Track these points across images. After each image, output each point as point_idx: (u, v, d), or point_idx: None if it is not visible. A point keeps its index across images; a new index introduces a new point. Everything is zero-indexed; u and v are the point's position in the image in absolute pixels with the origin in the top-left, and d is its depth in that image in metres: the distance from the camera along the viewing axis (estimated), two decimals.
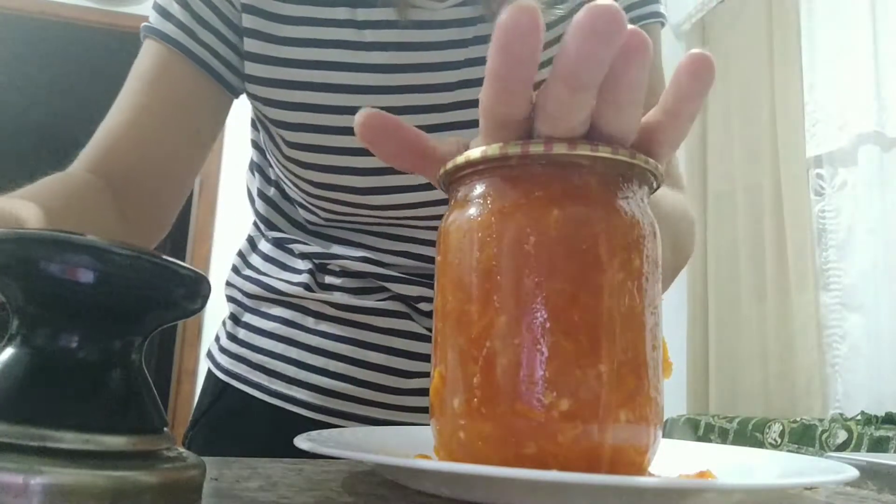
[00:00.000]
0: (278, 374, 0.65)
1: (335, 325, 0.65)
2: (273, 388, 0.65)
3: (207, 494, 0.28)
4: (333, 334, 0.65)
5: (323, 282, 0.66)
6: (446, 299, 0.32)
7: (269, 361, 0.66)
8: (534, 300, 0.29)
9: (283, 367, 0.65)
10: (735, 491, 0.28)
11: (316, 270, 0.66)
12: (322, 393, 0.64)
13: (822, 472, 0.31)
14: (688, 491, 0.27)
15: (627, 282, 0.30)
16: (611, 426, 0.29)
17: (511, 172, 0.31)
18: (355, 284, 0.65)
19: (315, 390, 0.64)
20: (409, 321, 0.64)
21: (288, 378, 0.65)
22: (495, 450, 0.29)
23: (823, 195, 2.22)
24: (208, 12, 0.59)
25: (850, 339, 2.09)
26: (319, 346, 0.65)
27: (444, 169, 0.33)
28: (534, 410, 0.28)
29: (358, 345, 0.65)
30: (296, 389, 0.65)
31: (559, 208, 0.30)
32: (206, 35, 0.59)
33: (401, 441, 0.39)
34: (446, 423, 0.31)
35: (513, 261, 0.30)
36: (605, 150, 0.30)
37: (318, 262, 0.66)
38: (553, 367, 0.28)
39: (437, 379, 0.32)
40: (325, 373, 0.65)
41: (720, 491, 0.28)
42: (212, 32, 0.59)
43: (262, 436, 0.64)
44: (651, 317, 0.31)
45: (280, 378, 0.65)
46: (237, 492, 0.29)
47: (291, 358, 0.65)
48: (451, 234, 0.32)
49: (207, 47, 0.59)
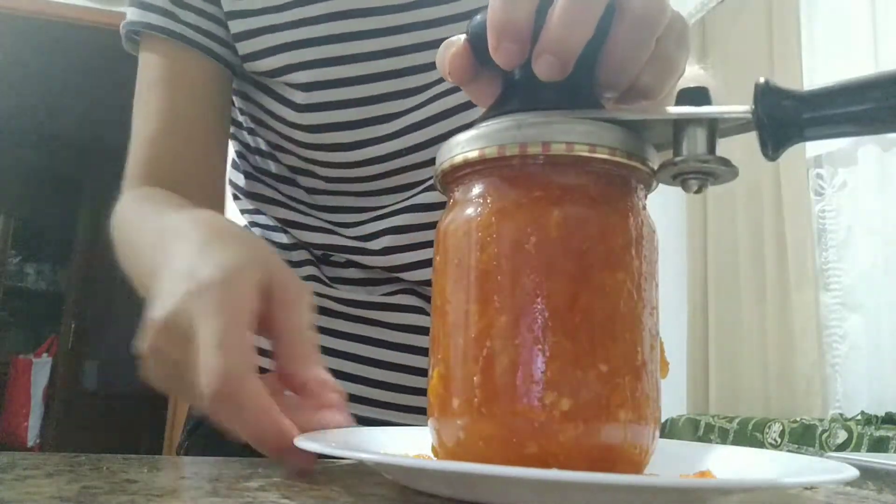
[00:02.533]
0: None
1: (345, 322, 0.63)
2: None
3: (207, 494, 0.28)
4: (343, 332, 0.63)
5: (330, 275, 0.64)
6: (445, 299, 0.32)
7: (268, 362, 0.64)
8: (534, 300, 0.29)
9: None
10: (734, 490, 0.28)
11: (318, 262, 0.64)
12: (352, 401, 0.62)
13: (822, 472, 0.31)
14: (688, 490, 0.27)
15: (627, 282, 0.30)
16: (611, 425, 0.29)
17: (510, 172, 0.31)
18: (364, 275, 0.63)
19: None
20: (425, 315, 0.62)
21: None
22: (496, 449, 0.29)
23: (823, 195, 2.22)
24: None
25: (850, 339, 2.09)
26: (329, 345, 0.62)
27: (440, 169, 0.33)
28: (535, 410, 0.28)
29: (371, 343, 0.62)
30: None
31: (559, 208, 0.30)
32: (188, 16, 0.59)
33: (400, 441, 0.39)
34: (446, 423, 0.31)
35: (513, 261, 0.30)
36: (602, 151, 0.30)
37: (319, 252, 0.64)
38: (553, 367, 0.29)
39: (436, 379, 0.32)
40: (335, 374, 0.63)
41: (720, 490, 0.28)
42: (193, 12, 0.59)
43: None
44: (649, 317, 0.31)
45: None
46: (237, 492, 0.29)
47: None
48: (450, 234, 0.32)
49: (193, 27, 0.59)
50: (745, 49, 2.49)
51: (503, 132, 0.31)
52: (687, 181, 0.32)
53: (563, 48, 0.30)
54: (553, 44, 0.30)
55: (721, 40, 2.63)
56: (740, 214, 2.44)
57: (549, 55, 0.30)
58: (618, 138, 0.31)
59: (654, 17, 0.31)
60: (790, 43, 2.32)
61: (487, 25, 0.31)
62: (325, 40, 0.58)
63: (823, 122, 0.31)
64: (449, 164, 0.32)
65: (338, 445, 0.32)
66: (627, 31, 0.31)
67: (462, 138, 0.32)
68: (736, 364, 2.40)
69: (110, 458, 0.36)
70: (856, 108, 0.30)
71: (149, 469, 0.34)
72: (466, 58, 0.33)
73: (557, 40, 0.30)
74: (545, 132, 0.30)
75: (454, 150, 0.32)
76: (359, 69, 0.58)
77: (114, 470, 0.33)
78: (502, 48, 0.31)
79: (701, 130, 0.32)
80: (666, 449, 0.35)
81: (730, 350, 2.44)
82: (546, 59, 0.30)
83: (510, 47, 0.31)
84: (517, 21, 0.30)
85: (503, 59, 0.31)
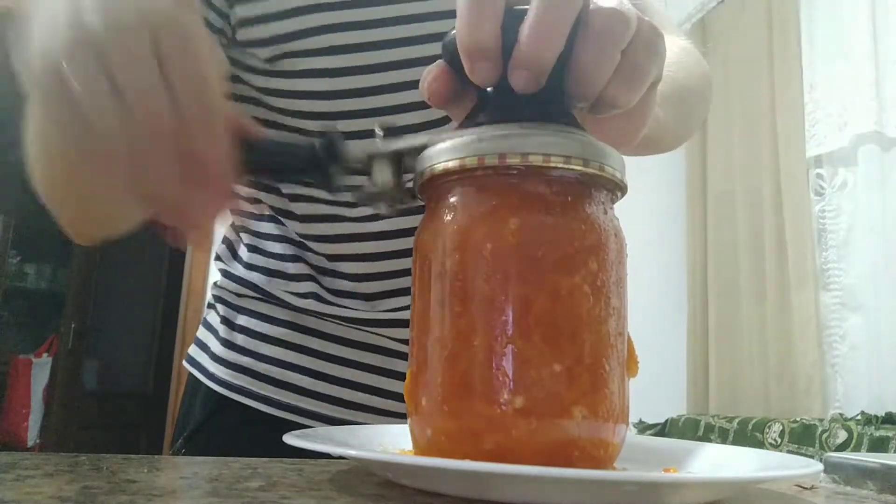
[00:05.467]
0: (289, 384, 0.61)
1: (353, 331, 0.62)
2: (283, 401, 0.61)
3: (207, 494, 0.28)
4: (351, 340, 0.62)
5: (332, 287, 0.62)
6: (417, 303, 0.34)
7: (278, 371, 0.61)
8: (491, 304, 0.31)
9: (297, 378, 0.61)
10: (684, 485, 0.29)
11: (317, 274, 0.62)
12: (343, 406, 0.61)
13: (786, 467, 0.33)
14: (642, 483, 0.28)
15: (584, 285, 0.32)
16: (566, 422, 0.30)
17: (473, 182, 0.33)
18: (367, 290, 0.61)
19: (335, 402, 0.61)
20: None
21: (301, 389, 0.61)
22: (456, 445, 0.31)
23: (823, 195, 2.22)
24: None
25: (850, 339, 2.09)
26: (338, 353, 0.61)
27: (417, 180, 0.35)
28: (491, 407, 0.30)
29: (382, 352, 0.62)
30: (311, 402, 0.61)
31: (515, 216, 0.32)
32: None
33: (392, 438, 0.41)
34: (417, 421, 0.33)
35: (472, 267, 0.32)
36: (557, 160, 0.32)
37: (317, 265, 0.62)
38: (509, 366, 0.30)
39: (409, 378, 0.34)
40: (345, 384, 0.61)
41: (673, 484, 0.28)
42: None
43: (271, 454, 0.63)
44: (611, 318, 0.33)
45: (291, 389, 0.61)
46: (237, 492, 0.29)
47: (304, 367, 0.61)
48: (424, 241, 0.35)
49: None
50: (745, 49, 2.49)
51: (466, 145, 0.33)
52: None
53: (536, 63, 0.32)
54: (526, 59, 0.32)
55: (721, 40, 2.63)
56: (740, 214, 2.44)
57: (524, 69, 0.32)
58: (574, 147, 0.32)
59: (618, 31, 0.32)
60: (790, 43, 2.32)
61: (459, 49, 0.33)
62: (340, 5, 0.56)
63: None
64: (420, 177, 0.35)
65: (324, 441, 0.33)
66: (591, 46, 0.32)
67: (433, 151, 0.34)
68: (736, 364, 2.40)
69: (110, 458, 0.36)
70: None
71: (149, 469, 0.34)
72: (444, 81, 0.35)
73: (529, 55, 0.31)
74: (502, 144, 0.32)
75: (425, 162, 0.34)
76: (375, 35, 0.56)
77: (114, 470, 0.33)
78: (477, 69, 0.32)
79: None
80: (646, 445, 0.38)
81: (730, 350, 2.44)
82: (520, 73, 0.32)
83: (484, 66, 0.32)
84: (485, 42, 0.32)
85: (480, 78, 0.33)
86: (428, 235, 0.34)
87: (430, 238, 0.34)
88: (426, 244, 0.34)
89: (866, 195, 2.08)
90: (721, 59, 2.58)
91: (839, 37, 2.21)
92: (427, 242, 0.34)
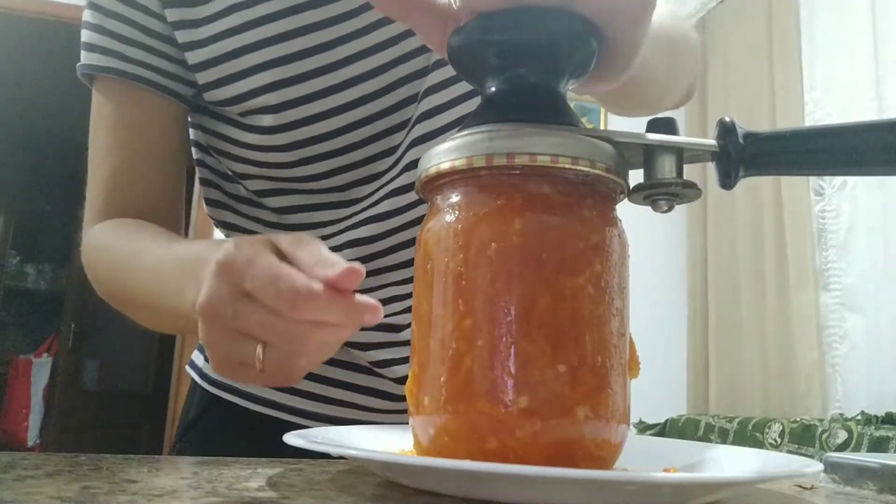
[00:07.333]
0: None
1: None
2: (270, 399, 0.63)
3: (207, 494, 0.28)
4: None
5: None
6: (420, 302, 0.34)
7: None
8: (495, 304, 0.31)
9: None
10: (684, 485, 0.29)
11: None
12: (336, 405, 0.62)
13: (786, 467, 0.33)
14: (643, 483, 0.28)
15: (588, 286, 0.32)
16: (569, 422, 0.30)
17: (479, 182, 0.33)
18: None
19: (323, 401, 0.62)
20: None
21: (290, 388, 0.62)
22: (459, 444, 0.31)
23: (823, 195, 2.22)
24: (128, 29, 0.58)
25: (850, 339, 2.09)
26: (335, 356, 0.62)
27: (420, 178, 0.35)
28: (494, 407, 0.30)
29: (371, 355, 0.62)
30: (299, 400, 0.62)
31: (520, 217, 0.32)
32: (136, 53, 0.58)
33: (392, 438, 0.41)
34: (419, 421, 0.33)
35: (477, 267, 0.32)
36: (565, 161, 0.32)
37: None
38: (512, 366, 0.30)
39: (411, 378, 0.34)
40: (342, 384, 0.62)
41: (673, 484, 0.28)
42: (141, 49, 0.58)
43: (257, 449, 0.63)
44: (614, 319, 0.33)
45: (277, 387, 0.62)
46: (237, 492, 0.29)
47: None
48: (427, 240, 0.34)
49: (141, 64, 0.58)
50: (745, 49, 2.49)
51: (474, 144, 0.32)
52: (657, 202, 0.35)
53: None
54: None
55: (721, 40, 2.63)
56: (740, 214, 2.44)
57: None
58: (582, 149, 0.32)
59: None
60: (790, 43, 2.32)
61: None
62: (288, 59, 0.57)
63: (773, 161, 0.35)
64: (425, 175, 0.34)
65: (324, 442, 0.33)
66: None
67: (440, 149, 0.34)
68: (736, 364, 2.40)
69: (110, 458, 0.36)
70: (800, 154, 0.35)
71: (149, 469, 0.34)
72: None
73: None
74: (511, 144, 0.32)
75: (432, 160, 0.34)
76: (326, 81, 0.58)
77: (114, 470, 0.33)
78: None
79: (669, 157, 0.34)
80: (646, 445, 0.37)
81: (730, 350, 2.44)
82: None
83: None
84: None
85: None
86: (432, 235, 0.34)
87: (434, 237, 0.34)
88: (430, 243, 0.34)
89: (866, 195, 2.08)
90: (721, 59, 2.58)
91: (839, 37, 2.21)
92: (430, 242, 0.34)
